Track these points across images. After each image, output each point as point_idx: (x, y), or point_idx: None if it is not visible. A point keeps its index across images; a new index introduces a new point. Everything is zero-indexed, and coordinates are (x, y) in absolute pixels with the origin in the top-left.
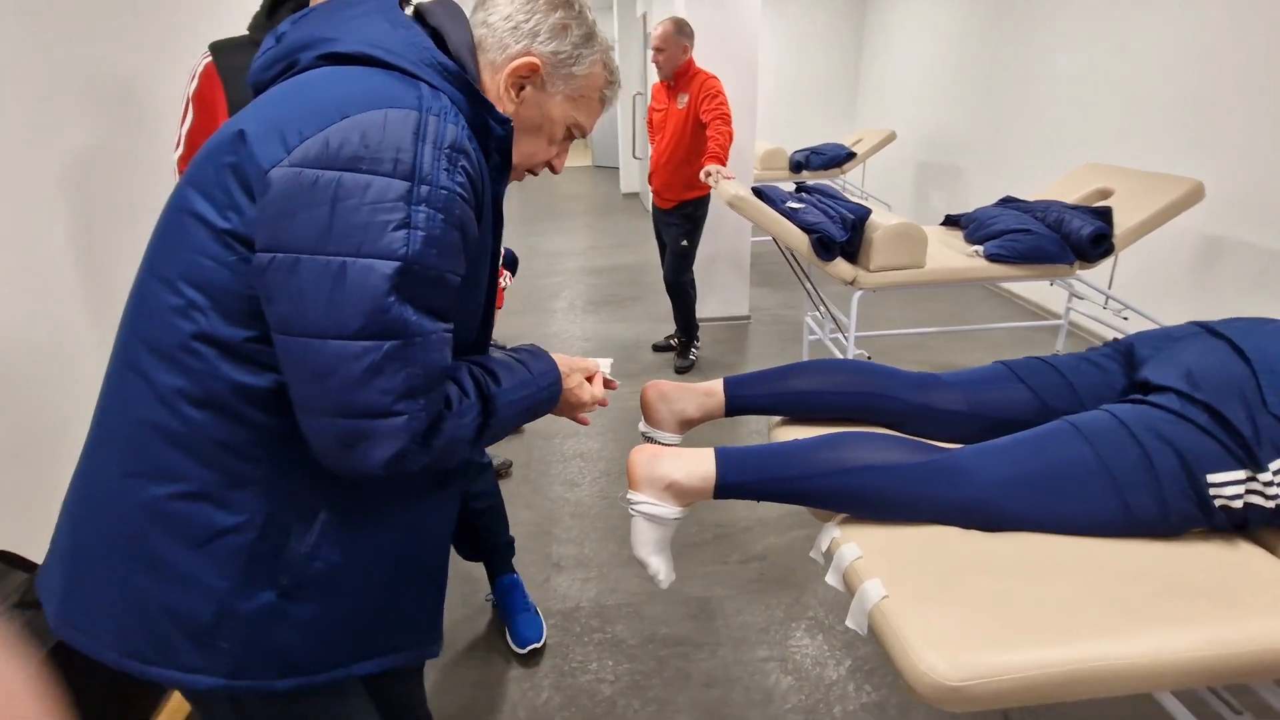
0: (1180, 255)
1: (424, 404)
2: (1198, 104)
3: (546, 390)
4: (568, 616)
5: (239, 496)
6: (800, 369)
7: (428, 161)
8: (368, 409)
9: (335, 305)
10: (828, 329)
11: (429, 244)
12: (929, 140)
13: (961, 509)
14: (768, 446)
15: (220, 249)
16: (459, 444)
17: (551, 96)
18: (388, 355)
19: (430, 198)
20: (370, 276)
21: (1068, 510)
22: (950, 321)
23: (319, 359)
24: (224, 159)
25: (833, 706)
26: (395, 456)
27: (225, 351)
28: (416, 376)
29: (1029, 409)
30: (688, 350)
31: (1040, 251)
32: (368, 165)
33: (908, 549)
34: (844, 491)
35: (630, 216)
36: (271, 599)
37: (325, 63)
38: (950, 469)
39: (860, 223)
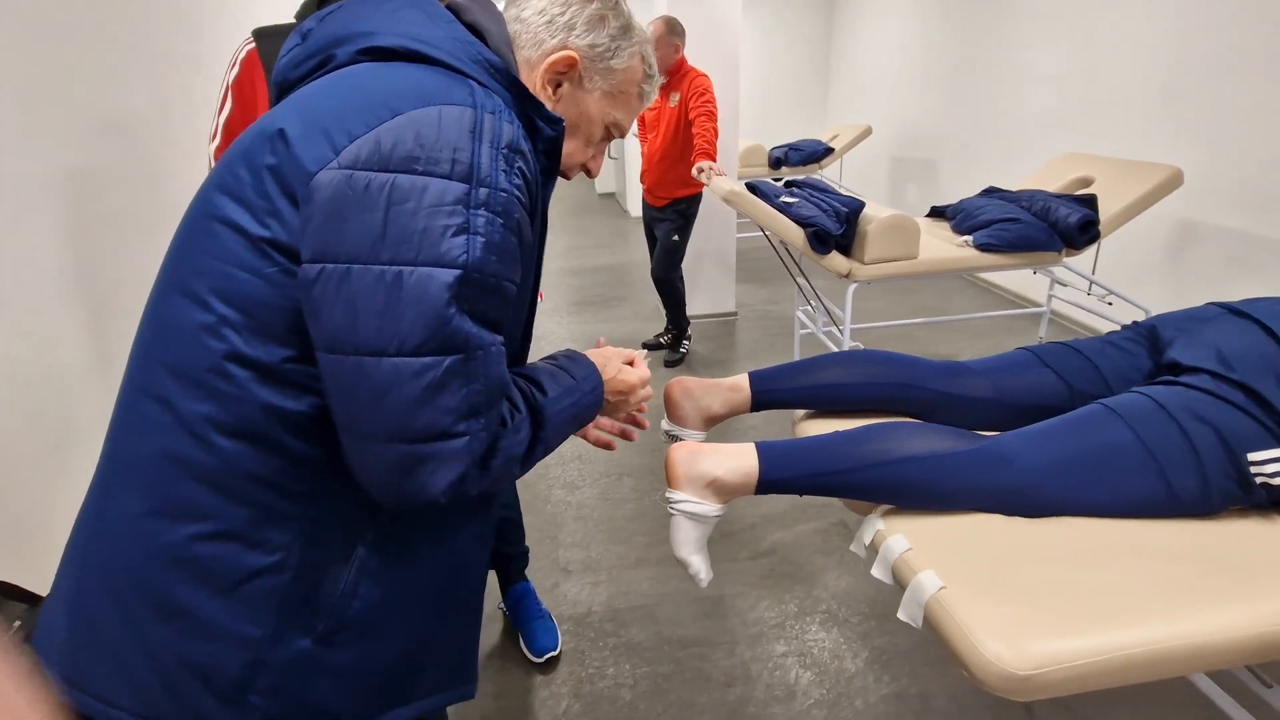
0: (1156, 240)
1: (485, 423)
2: (1169, 91)
3: (591, 394)
4: (580, 622)
5: (271, 535)
6: (825, 361)
7: (486, 162)
8: (428, 431)
9: (392, 318)
10: (820, 323)
11: (489, 250)
12: (903, 135)
13: (1006, 496)
14: (808, 440)
15: (257, 259)
16: (513, 463)
17: (590, 93)
18: (450, 371)
19: (490, 201)
20: (430, 286)
21: (1112, 493)
22: (933, 312)
23: (374, 378)
24: (262, 160)
25: (854, 699)
26: (457, 481)
27: (261, 373)
28: (478, 393)
29: (1056, 393)
30: (678, 344)
31: (1029, 240)
32: (424, 166)
33: (955, 539)
34: (891, 482)
35: (607, 217)
36: (307, 646)
37: (365, 58)
38: (995, 456)
39: (854, 215)
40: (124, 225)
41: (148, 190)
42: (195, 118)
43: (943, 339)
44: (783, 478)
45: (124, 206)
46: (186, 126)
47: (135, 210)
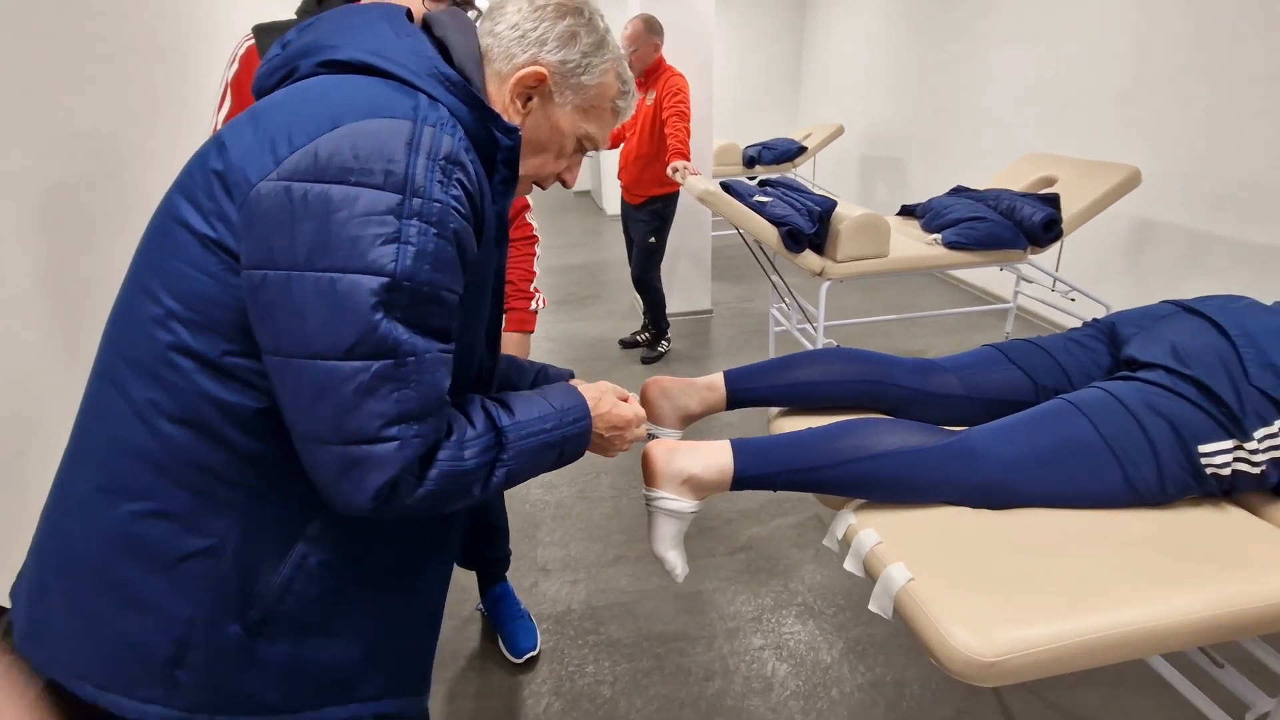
0: (1116, 238)
1: (418, 430)
2: (1128, 93)
3: (574, 425)
4: (560, 620)
5: (210, 520)
6: (800, 360)
7: (420, 173)
8: (358, 434)
9: (326, 323)
10: (795, 320)
11: (420, 259)
12: (874, 134)
13: (975, 489)
14: (783, 437)
15: (206, 257)
16: (462, 478)
17: (560, 107)
18: (379, 376)
19: (423, 211)
20: (357, 292)
21: (1075, 485)
22: (902, 308)
23: (311, 381)
24: (210, 164)
25: (830, 689)
26: (387, 486)
27: (206, 366)
28: (410, 399)
29: (1022, 389)
30: (657, 343)
31: (996, 238)
32: (357, 177)
33: (924, 531)
34: (864, 477)
35: (582, 215)
36: (237, 632)
37: (324, 70)
38: (963, 451)
39: (826, 215)
40: (94, 229)
41: (120, 193)
42: (160, 121)
43: (913, 334)
44: (758, 474)
45: (94, 210)
46: (152, 130)
47: (105, 214)
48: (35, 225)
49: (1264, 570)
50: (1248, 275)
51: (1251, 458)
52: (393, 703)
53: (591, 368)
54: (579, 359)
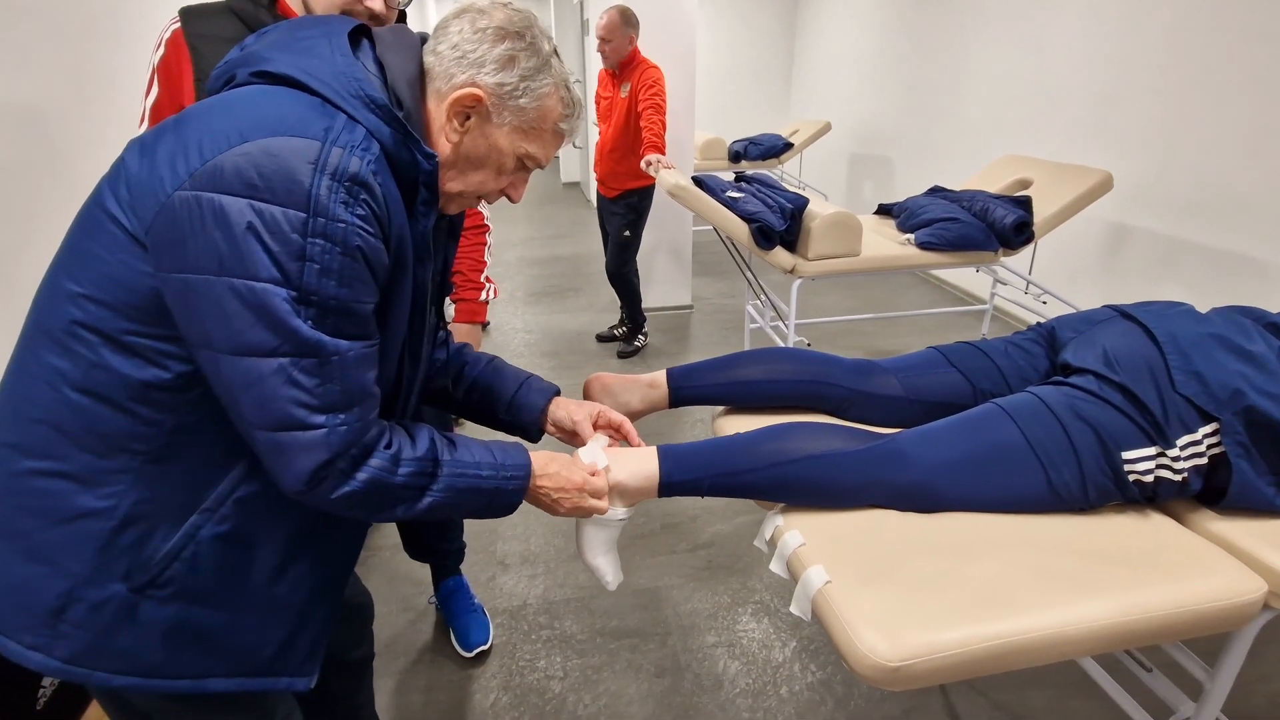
0: (1090, 242)
1: (344, 419)
2: (1104, 99)
3: (507, 481)
4: (515, 615)
5: (106, 484)
6: (743, 359)
7: (324, 193)
8: (285, 421)
9: (250, 325)
10: (768, 317)
11: (325, 275)
12: (861, 132)
13: (901, 493)
14: (710, 442)
15: (122, 246)
16: (389, 491)
17: (499, 127)
18: (303, 370)
19: (327, 230)
20: (273, 301)
21: (999, 489)
22: (883, 308)
23: (240, 374)
24: (130, 166)
25: (780, 687)
26: (317, 470)
27: (109, 341)
28: (334, 392)
29: (961, 392)
30: (633, 338)
31: (967, 239)
32: (262, 193)
33: (849, 534)
34: (788, 482)
35: (570, 206)
36: (121, 592)
37: (256, 80)
38: (889, 454)
39: (798, 212)
40: (36, 210)
41: (58, 174)
42: (114, 98)
43: (889, 334)
44: (683, 479)
45: (34, 191)
46: (104, 106)
47: (46, 194)
48: None
49: (1175, 576)
50: (1218, 280)
51: (1173, 465)
52: (277, 680)
53: (567, 361)
54: (556, 352)
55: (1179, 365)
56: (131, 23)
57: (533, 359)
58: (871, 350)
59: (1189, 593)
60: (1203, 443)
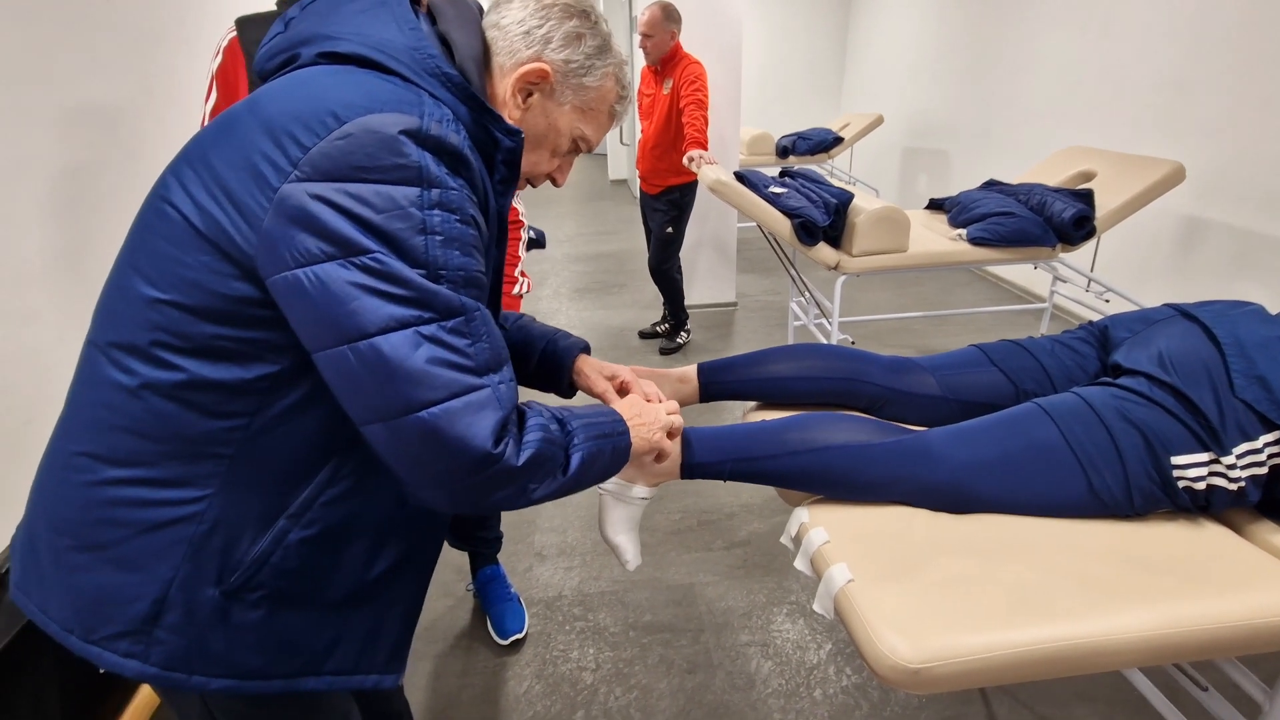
0: (1160, 237)
1: (501, 377)
2: (1176, 86)
3: (617, 423)
4: (550, 605)
5: (194, 489)
6: (774, 355)
7: (432, 164)
8: (453, 386)
9: (386, 301)
10: (812, 314)
11: (449, 245)
12: (915, 124)
13: (931, 491)
14: (735, 427)
15: (197, 246)
16: (554, 451)
17: (560, 106)
18: (453, 330)
19: (442, 200)
20: (404, 274)
21: (1035, 491)
22: (935, 306)
23: (385, 356)
24: (212, 158)
25: (813, 690)
26: (498, 428)
27: (194, 347)
28: (485, 350)
29: (1002, 392)
30: (675, 334)
31: (1023, 234)
32: (373, 175)
33: (875, 532)
34: (812, 471)
35: (617, 203)
36: (215, 596)
37: (324, 61)
38: (919, 450)
39: (843, 207)
40: (108, 208)
41: (131, 174)
42: (182, 101)
43: (941, 333)
44: (706, 462)
45: (108, 189)
46: (172, 109)
47: (118, 193)
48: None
49: (1229, 588)
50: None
51: (1228, 473)
52: (366, 679)
53: (610, 357)
54: (599, 348)
55: (1241, 369)
56: (196, 31)
57: None
58: (920, 349)
59: (1244, 606)
60: (1263, 451)
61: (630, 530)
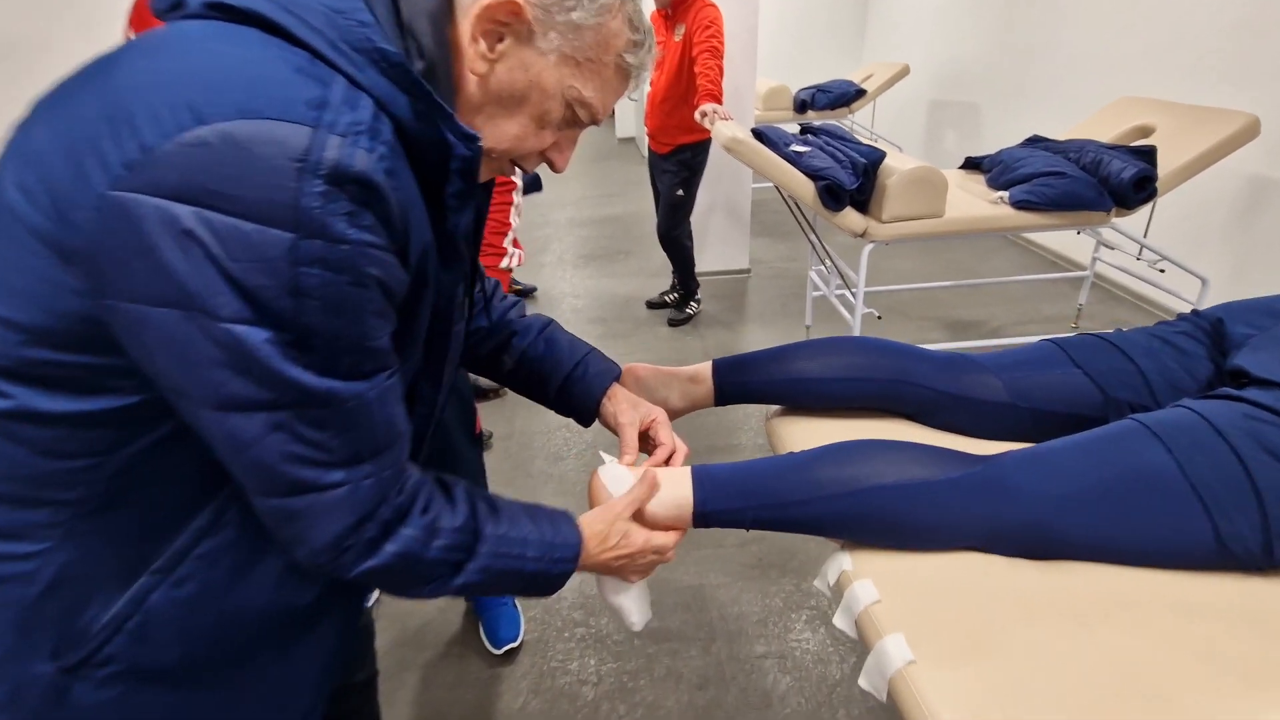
0: (1221, 199)
1: (370, 469)
2: (1244, 26)
3: (553, 564)
4: (548, 609)
5: (25, 542)
6: (804, 350)
7: (317, 204)
8: (296, 484)
9: (227, 377)
10: (833, 285)
11: (329, 314)
12: (944, 75)
13: (1005, 534)
14: (755, 464)
15: (30, 250)
16: (419, 568)
17: (543, 55)
18: (311, 422)
19: (327, 256)
20: (257, 346)
21: (1141, 536)
22: (964, 273)
23: (224, 433)
24: (38, 146)
25: (836, 710)
26: (341, 536)
27: (24, 373)
28: (354, 440)
29: (1086, 400)
30: (685, 304)
31: (1074, 197)
32: (232, 205)
33: (936, 588)
34: (854, 518)
35: (624, 163)
36: (49, 673)
37: (216, 14)
38: (992, 485)
39: (873, 168)
40: None
41: None
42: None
43: (971, 303)
44: (722, 509)
45: None
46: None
47: None
48: None
49: None
50: None
51: None
52: None
53: (615, 329)
54: (604, 318)
55: None
56: None
57: (580, 326)
58: (949, 321)
59: None
60: None
61: (635, 591)
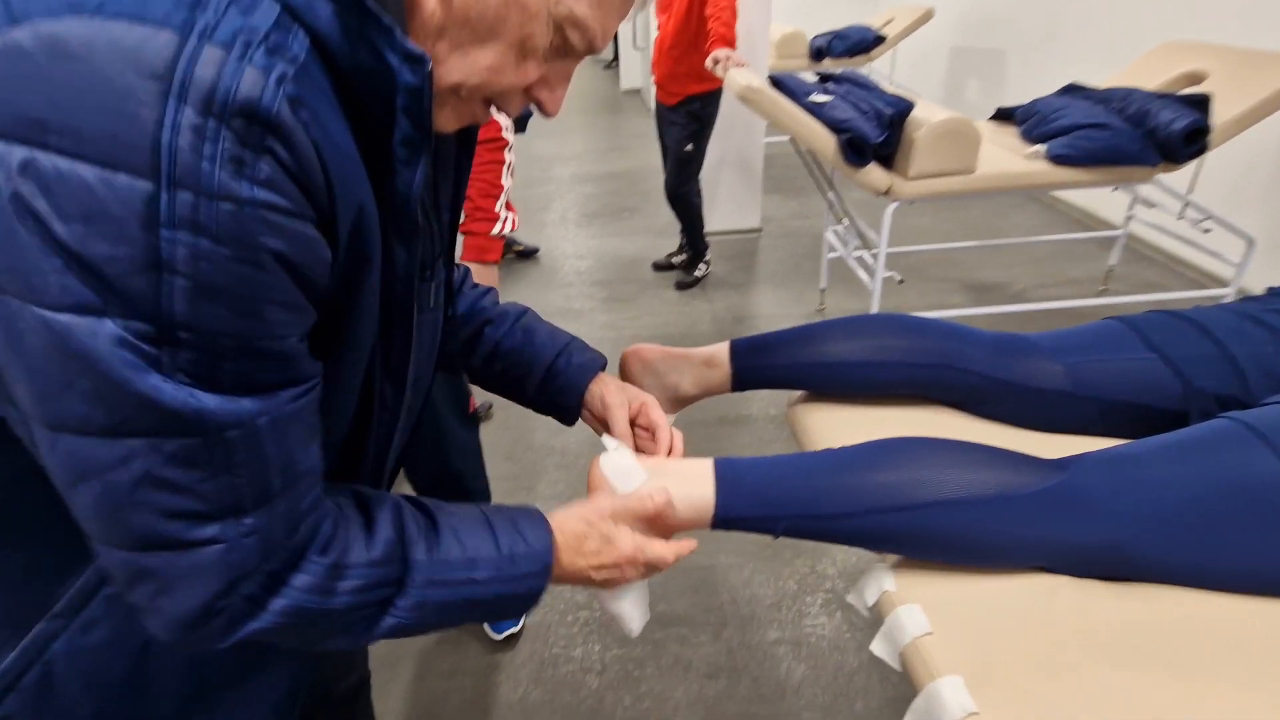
0: (1265, 153)
1: (253, 523)
2: None
3: (516, 582)
4: (550, 591)
5: None
6: (834, 329)
7: (185, 145)
8: (150, 538)
9: (60, 385)
10: (851, 246)
11: (203, 297)
12: (969, 19)
13: (1081, 553)
14: (788, 464)
15: None
16: (323, 620)
17: None
18: (174, 458)
19: (200, 218)
20: (96, 345)
21: (1245, 558)
22: (985, 231)
23: (67, 459)
24: None
25: (853, 701)
26: (207, 606)
27: None
28: (235, 486)
29: (1163, 391)
30: (694, 266)
31: (1117, 151)
32: (62, 141)
33: (997, 618)
34: (910, 537)
35: (631, 116)
36: None
37: None
38: (1070, 500)
39: (900, 119)
40: None
41: None
42: None
43: (993, 264)
44: (748, 515)
45: None
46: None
47: None
48: None
49: None
50: None
51: None
52: None
53: (620, 292)
54: (609, 281)
55: None
56: None
57: (583, 289)
58: (969, 283)
59: None
60: None
61: (633, 593)
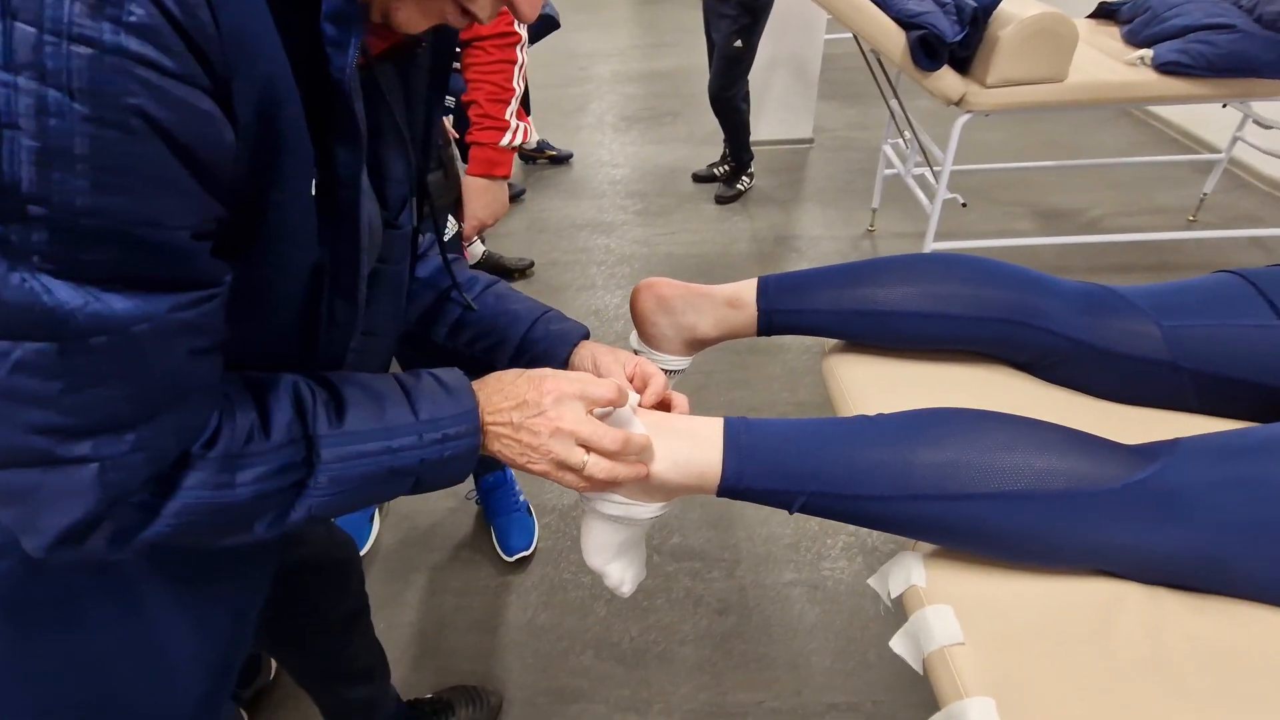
0: None
1: (135, 439)
2: None
3: (442, 445)
4: (564, 516)
5: None
6: (888, 270)
7: None
8: (9, 453)
9: None
10: (912, 162)
11: (55, 163)
12: None
13: (1165, 564)
14: (812, 429)
15: None
16: (227, 513)
17: None
18: (20, 366)
19: (50, 64)
20: None
21: None
22: (1063, 150)
23: None
24: None
25: (866, 649)
26: (75, 529)
27: None
28: (106, 400)
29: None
30: (736, 180)
31: (1242, 59)
32: None
33: (1043, 627)
34: (956, 530)
35: (680, 7)
36: None
37: None
38: (1157, 498)
39: (984, 14)
40: None
41: None
42: None
43: (1071, 186)
44: (760, 488)
45: None
46: None
47: None
48: None
49: None
50: None
51: None
52: None
53: (655, 205)
54: (644, 193)
55: None
56: None
57: (616, 200)
58: (1041, 207)
59: None
60: None
61: (626, 552)
